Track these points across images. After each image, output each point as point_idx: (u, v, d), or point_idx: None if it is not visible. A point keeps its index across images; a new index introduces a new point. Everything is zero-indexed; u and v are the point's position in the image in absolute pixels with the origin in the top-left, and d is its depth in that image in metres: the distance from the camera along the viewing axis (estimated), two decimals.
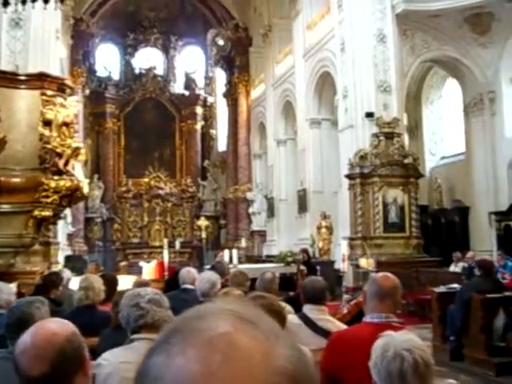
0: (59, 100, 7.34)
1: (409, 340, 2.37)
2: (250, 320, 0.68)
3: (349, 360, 2.84)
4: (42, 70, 8.30)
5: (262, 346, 0.65)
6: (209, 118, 36.60)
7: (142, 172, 33.09)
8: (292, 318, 4.66)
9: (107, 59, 36.39)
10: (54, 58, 17.67)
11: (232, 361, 0.63)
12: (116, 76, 36.45)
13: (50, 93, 7.19)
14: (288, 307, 5.26)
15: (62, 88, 7.39)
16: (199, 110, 35.94)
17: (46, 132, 6.99)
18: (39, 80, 7.20)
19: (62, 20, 24.22)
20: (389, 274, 3.70)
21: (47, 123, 7.07)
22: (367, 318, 3.43)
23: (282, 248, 23.22)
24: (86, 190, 7.69)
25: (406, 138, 22.64)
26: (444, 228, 22.57)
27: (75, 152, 6.86)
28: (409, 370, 2.27)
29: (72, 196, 7.25)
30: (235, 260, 16.58)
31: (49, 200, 7.05)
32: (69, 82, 7.55)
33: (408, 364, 2.27)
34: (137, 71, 36.31)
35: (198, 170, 35.17)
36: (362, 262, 13.95)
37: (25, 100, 7.13)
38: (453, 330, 8.97)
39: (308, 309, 4.64)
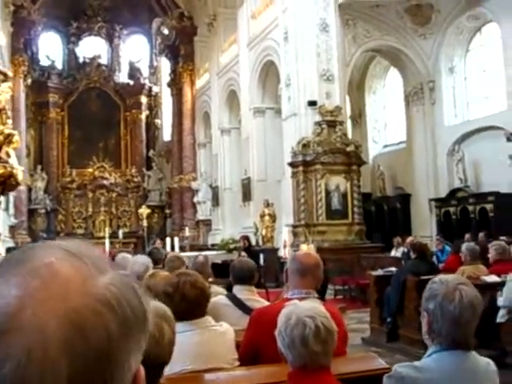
0: None
1: (312, 308, 2.45)
2: (76, 253, 0.72)
3: (268, 336, 2.90)
4: None
5: (81, 274, 0.69)
6: (154, 107, 36.31)
7: (87, 162, 32.71)
8: (221, 298, 4.72)
9: (50, 48, 35.66)
10: None
11: (50, 285, 0.66)
12: (59, 65, 35.74)
13: None
14: (219, 288, 5.33)
15: None
16: (144, 99, 35.62)
17: None
18: None
19: (1, 6, 23.77)
20: (310, 252, 3.79)
21: None
22: (288, 295, 3.51)
23: (226, 237, 23.28)
24: (20, 177, 7.57)
25: (348, 126, 22.94)
26: (386, 215, 22.96)
27: (8, 139, 6.75)
28: (310, 335, 2.35)
29: (5, 183, 7.14)
30: (177, 247, 16.57)
31: None
32: (1, 68, 7.41)
33: (310, 330, 2.35)
34: (81, 60, 35.72)
35: (143, 160, 34.90)
36: (303, 247, 14.08)
37: None
38: (389, 312, 9.16)
39: (237, 289, 4.70)
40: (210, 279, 6.12)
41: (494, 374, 2.52)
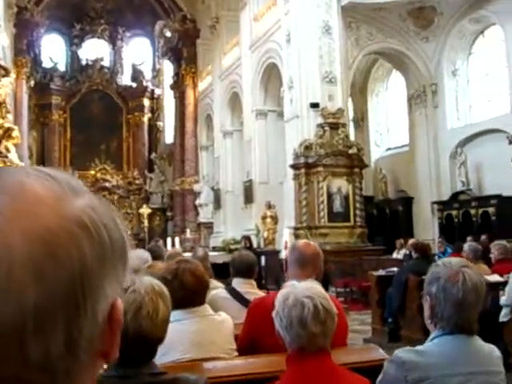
0: None
1: (310, 288, 2.40)
2: (50, 174, 0.67)
3: (265, 327, 2.85)
4: None
5: (55, 194, 0.64)
6: (156, 110, 36.36)
7: (89, 164, 32.75)
8: (220, 291, 4.68)
9: (53, 50, 35.75)
10: None
11: (19, 202, 0.62)
12: (62, 67, 35.87)
13: None
14: (218, 283, 5.29)
15: None
16: (146, 102, 35.68)
17: None
18: None
19: (4, 7, 23.81)
20: (310, 242, 3.74)
21: None
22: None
23: (228, 238, 23.25)
24: None
25: (351, 130, 22.90)
26: (389, 218, 22.89)
27: (7, 132, 6.72)
28: (309, 315, 2.29)
29: None
30: (177, 246, 16.57)
31: None
32: (2, 63, 7.40)
33: (308, 310, 2.29)
34: (83, 62, 35.83)
35: (145, 163, 34.92)
36: None
37: None
38: (390, 312, 9.11)
39: (236, 282, 4.65)
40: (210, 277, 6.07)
41: (498, 359, 2.47)
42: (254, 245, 18.67)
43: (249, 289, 4.57)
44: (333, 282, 14.82)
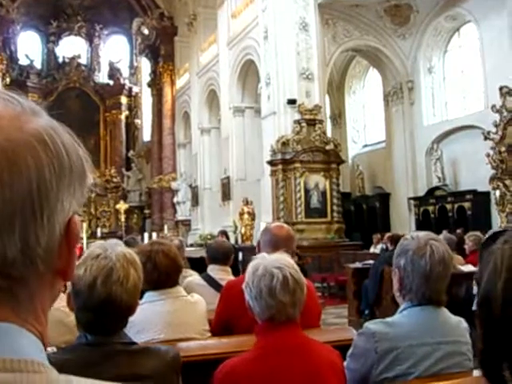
0: None
1: (280, 259, 2.42)
2: (14, 97, 0.71)
3: (239, 308, 2.87)
4: None
5: (16, 112, 0.68)
6: (133, 107, 36.23)
7: None
8: (196, 278, 4.70)
9: (29, 47, 35.46)
10: None
11: None
12: (38, 65, 35.59)
13: None
14: (192, 271, 5.30)
15: None
16: (124, 99, 35.53)
17: None
18: None
19: None
20: (283, 224, 3.77)
21: None
22: None
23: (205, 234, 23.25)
24: None
25: (328, 127, 22.99)
26: (366, 214, 23.04)
27: None
28: (278, 285, 2.31)
29: None
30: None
31: None
32: None
33: (277, 280, 2.32)
34: (60, 60, 35.65)
35: (123, 161, 34.81)
36: None
37: None
38: (367, 304, 9.18)
39: (211, 269, 4.67)
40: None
41: (465, 330, 2.52)
42: (232, 241, 18.67)
43: (224, 275, 4.58)
44: (310, 276, 14.87)
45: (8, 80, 31.43)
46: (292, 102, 19.15)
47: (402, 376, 2.32)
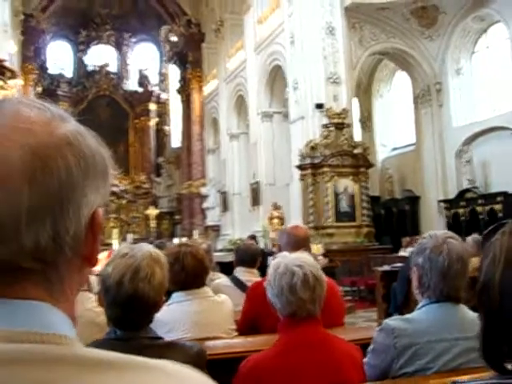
0: None
1: (300, 257, 2.51)
2: (44, 104, 0.80)
3: (265, 308, 2.95)
4: None
5: (46, 118, 0.77)
6: (162, 114, 36.52)
7: None
8: (224, 280, 4.78)
9: (59, 56, 36.00)
10: (1, 51, 17.44)
11: (15, 124, 0.74)
12: (69, 73, 36.09)
13: None
14: (221, 274, 5.38)
15: (1, 70, 7.37)
16: (153, 106, 35.86)
17: None
18: None
19: (11, 15, 24.02)
20: (299, 224, 3.84)
21: None
22: None
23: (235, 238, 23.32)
24: None
25: (358, 130, 22.97)
26: (395, 217, 22.91)
27: None
28: (298, 282, 2.40)
29: None
30: None
31: None
32: (8, 65, 7.53)
33: (298, 278, 2.41)
34: (90, 68, 36.09)
35: (152, 167, 35.12)
36: (313, 247, 14.15)
37: None
38: (395, 306, 9.16)
39: (239, 271, 4.76)
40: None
41: None
42: (261, 245, 18.72)
43: (251, 277, 4.67)
44: (339, 280, 14.88)
45: (39, 89, 31.91)
46: (320, 106, 19.19)
47: (421, 371, 2.37)
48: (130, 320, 2.19)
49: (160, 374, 0.74)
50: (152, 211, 28.64)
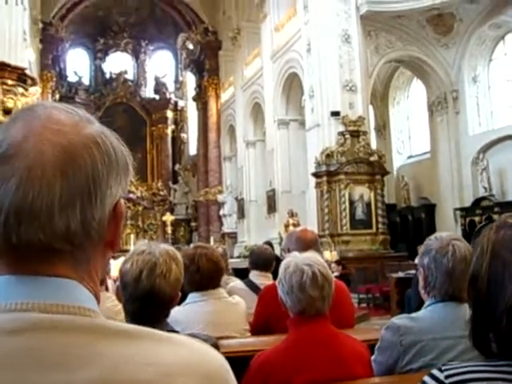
0: (20, 90, 7.48)
1: (310, 257, 2.61)
2: (72, 108, 0.93)
3: (278, 310, 3.04)
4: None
5: (75, 120, 0.90)
6: (179, 121, 36.73)
7: None
8: (238, 283, 4.87)
9: (77, 64, 36.40)
10: (21, 60, 17.65)
11: (48, 125, 0.87)
12: (86, 81, 36.50)
13: (10, 82, 7.35)
14: (235, 278, 5.48)
15: (22, 78, 7.53)
16: (170, 114, 36.09)
17: (7, 120, 7.09)
18: (0, 69, 7.36)
19: (30, 23, 24.29)
20: (306, 227, 3.94)
21: (7, 112, 7.22)
22: None
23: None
24: None
25: (373, 138, 23.00)
26: (411, 225, 22.88)
27: None
28: (307, 281, 2.51)
29: None
30: None
31: None
32: (29, 73, 7.69)
33: (307, 276, 2.52)
34: (107, 76, 36.43)
35: (169, 174, 35.30)
36: (326, 254, 14.24)
37: None
38: (409, 312, 9.21)
39: (253, 275, 4.85)
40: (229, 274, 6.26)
41: None
42: (277, 252, 18.77)
43: (265, 281, 4.74)
44: (355, 287, 14.91)
45: (57, 96, 32.21)
46: (336, 113, 19.27)
47: (426, 367, 2.45)
48: (147, 314, 2.29)
49: (174, 346, 0.86)
50: (168, 217, 28.80)
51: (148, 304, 2.29)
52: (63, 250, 0.85)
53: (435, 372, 1.27)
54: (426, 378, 1.28)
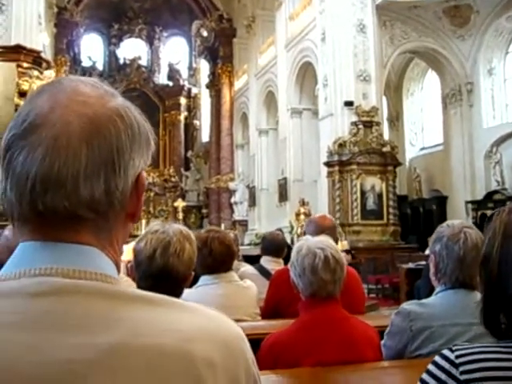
0: (35, 73, 7.52)
1: (322, 241, 2.64)
2: (97, 82, 0.96)
3: (289, 295, 3.08)
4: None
5: (100, 93, 0.92)
6: (192, 108, 36.70)
7: None
8: (249, 268, 4.91)
9: (91, 49, 36.43)
10: (36, 43, 17.70)
11: (74, 97, 0.89)
12: (100, 66, 36.53)
13: (25, 65, 7.39)
14: (246, 264, 5.51)
15: (37, 61, 7.57)
16: (183, 100, 36.07)
17: (22, 103, 7.15)
18: (15, 52, 7.41)
19: (45, 7, 24.32)
20: (326, 214, 3.95)
21: (23, 94, 7.26)
22: None
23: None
24: None
25: (386, 129, 22.93)
26: (422, 217, 22.84)
27: None
28: (320, 264, 2.53)
29: None
30: None
31: None
32: (44, 56, 7.72)
33: (319, 259, 2.54)
34: (121, 62, 36.43)
35: (181, 161, 35.33)
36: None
37: (1, 71, 7.31)
38: None
39: (265, 260, 4.88)
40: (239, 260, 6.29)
41: None
42: (288, 241, 18.82)
43: (276, 266, 4.76)
44: (365, 277, 14.92)
45: None
46: (349, 103, 19.22)
47: (435, 353, 2.44)
48: (160, 292, 2.31)
49: (193, 314, 0.89)
50: (180, 203, 28.86)
51: (161, 281, 2.33)
52: (87, 218, 0.88)
53: (446, 352, 1.29)
54: (437, 358, 1.31)
